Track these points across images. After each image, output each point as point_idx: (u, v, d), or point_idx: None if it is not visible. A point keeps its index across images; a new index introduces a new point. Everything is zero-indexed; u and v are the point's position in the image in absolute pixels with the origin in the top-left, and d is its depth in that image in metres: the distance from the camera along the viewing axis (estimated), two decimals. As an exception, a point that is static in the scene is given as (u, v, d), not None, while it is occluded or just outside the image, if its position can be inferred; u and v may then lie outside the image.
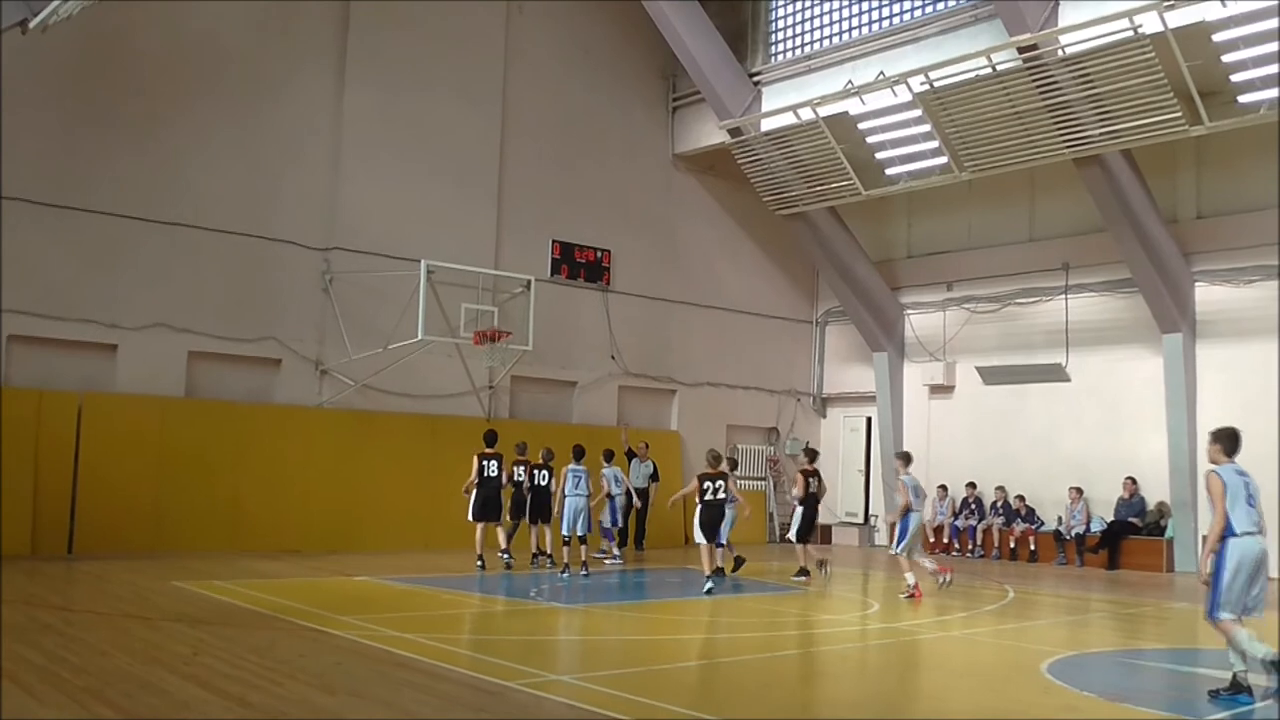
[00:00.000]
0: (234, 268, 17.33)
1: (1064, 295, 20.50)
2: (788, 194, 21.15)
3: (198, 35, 17.18)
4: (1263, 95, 15.52)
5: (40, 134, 15.70)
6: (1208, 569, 7.76)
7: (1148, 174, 18.19)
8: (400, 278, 17.52)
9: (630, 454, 18.23)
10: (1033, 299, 21.14)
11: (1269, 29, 14.83)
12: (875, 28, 20.12)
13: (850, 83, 19.16)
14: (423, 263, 16.92)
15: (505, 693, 7.34)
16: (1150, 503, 19.11)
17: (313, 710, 6.69)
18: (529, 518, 15.95)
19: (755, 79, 21.57)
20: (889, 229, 23.63)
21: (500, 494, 15.68)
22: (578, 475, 15.25)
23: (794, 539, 15.66)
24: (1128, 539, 18.89)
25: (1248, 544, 7.72)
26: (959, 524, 21.24)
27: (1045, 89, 16.78)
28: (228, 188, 17.34)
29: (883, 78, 18.56)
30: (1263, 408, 17.61)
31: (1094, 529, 19.36)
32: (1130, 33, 15.56)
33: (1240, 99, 15.83)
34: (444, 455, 17.61)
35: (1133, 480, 19.22)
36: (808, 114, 19.57)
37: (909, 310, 23.14)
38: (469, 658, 8.94)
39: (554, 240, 20.95)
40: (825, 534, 23.31)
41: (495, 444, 15.84)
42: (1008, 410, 21.20)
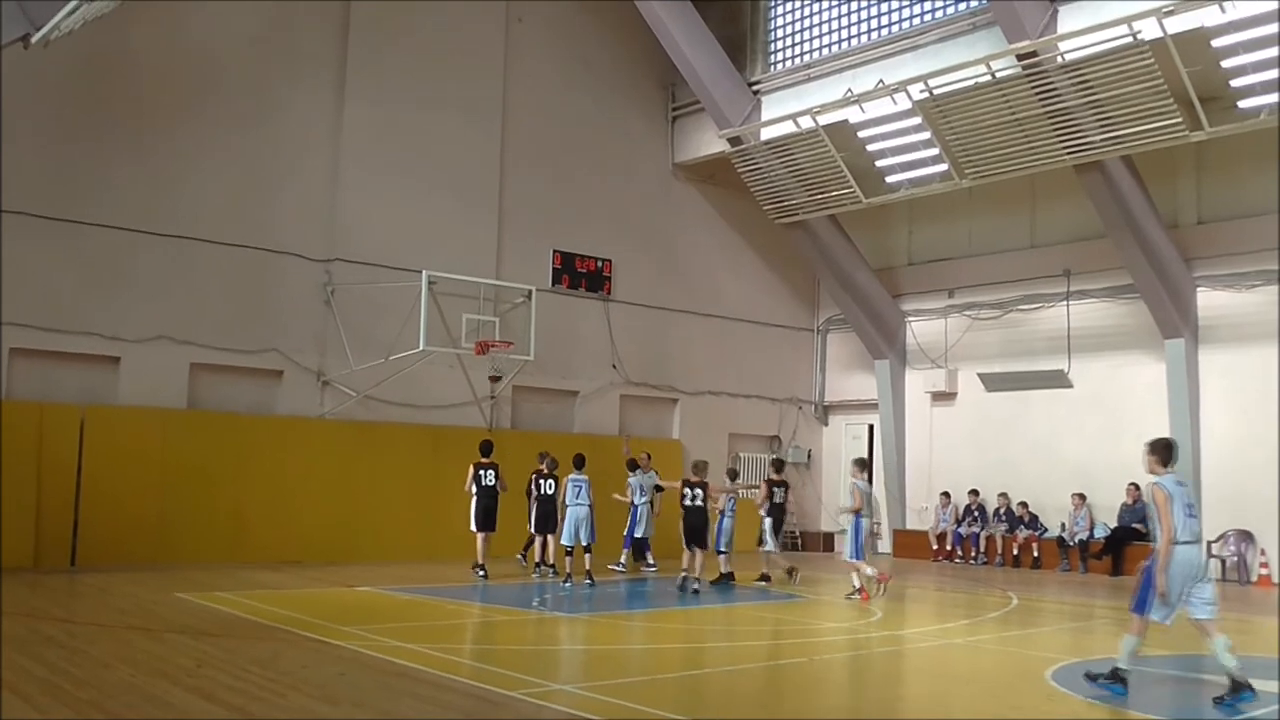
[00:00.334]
0: (235, 280, 17.35)
1: (1065, 301, 20.49)
2: (788, 202, 21.16)
3: (198, 49, 17.23)
4: (1263, 100, 15.52)
5: (41, 148, 15.75)
6: (1163, 584, 7.80)
7: (1148, 180, 18.19)
8: (401, 289, 17.54)
9: (632, 465, 18.17)
10: (1034, 305, 21.13)
11: (1268, 34, 14.84)
12: (874, 36, 20.16)
13: (850, 91, 19.19)
14: (424, 273, 16.95)
15: (508, 702, 7.33)
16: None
17: (315, 721, 6.69)
18: (534, 527, 15.88)
19: (755, 88, 21.60)
20: (890, 236, 23.63)
21: (498, 503, 15.67)
22: (578, 485, 15.25)
23: (759, 546, 15.97)
24: (1131, 545, 18.82)
25: (1188, 553, 7.86)
26: (962, 531, 21.20)
27: (1045, 96, 16.80)
28: (228, 200, 17.37)
29: (882, 85, 18.60)
30: (1265, 412, 17.60)
31: (1097, 535, 19.32)
32: (1129, 39, 15.58)
33: (1240, 104, 15.84)
34: (446, 466, 17.60)
35: (1136, 486, 19.14)
36: (807, 122, 19.60)
37: (910, 317, 23.13)
38: (471, 667, 8.93)
39: (555, 250, 20.97)
40: (827, 542, 23.28)
41: (491, 454, 15.87)
42: (1010, 417, 21.17)
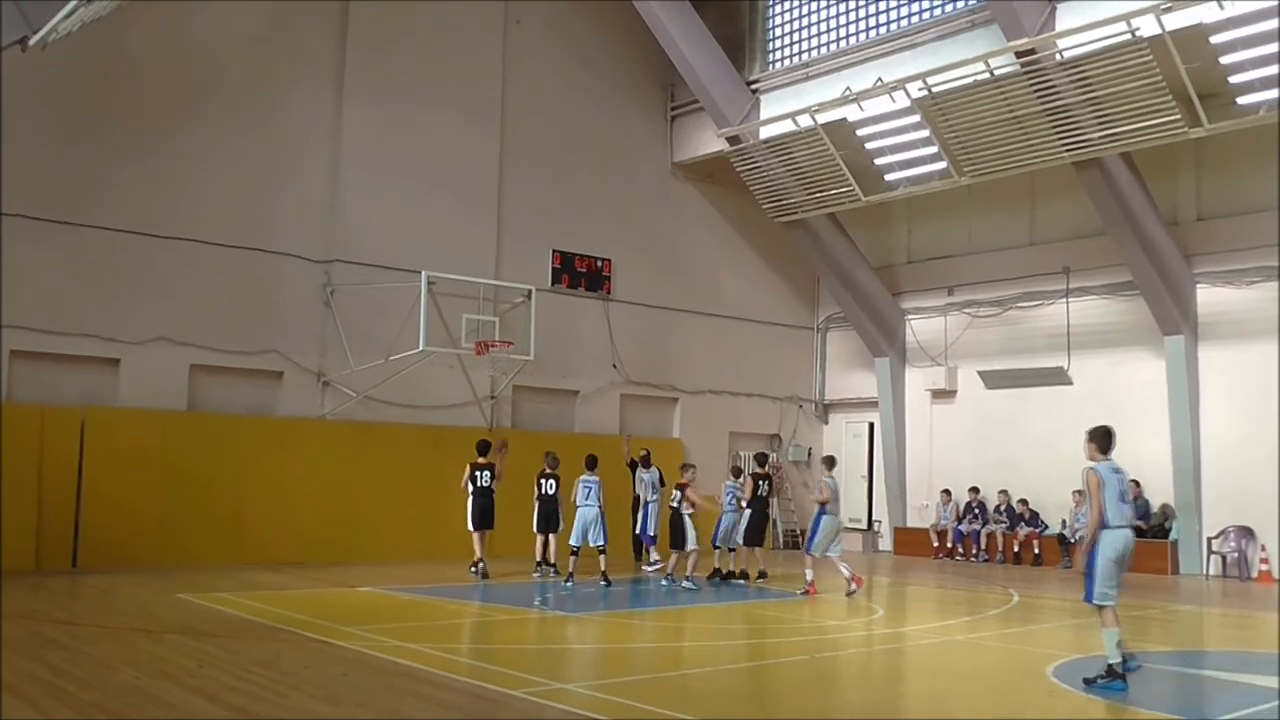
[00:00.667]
0: (235, 281, 17.35)
1: (1065, 299, 20.50)
2: (787, 201, 21.17)
3: (197, 51, 17.23)
4: (1261, 97, 15.53)
5: (41, 150, 15.75)
6: (1081, 563, 8.29)
7: (1147, 176, 18.20)
8: (401, 289, 17.54)
9: (633, 464, 18.19)
10: (1034, 303, 21.14)
11: (1267, 30, 14.84)
12: (873, 34, 20.16)
13: (848, 89, 19.20)
14: (423, 274, 16.96)
15: (509, 701, 7.34)
16: (1154, 505, 19.08)
17: (318, 721, 6.70)
18: (535, 526, 15.87)
19: (753, 87, 21.61)
20: (889, 234, 23.64)
21: (494, 502, 15.68)
22: (589, 486, 15.13)
23: (740, 542, 15.89)
24: (1132, 542, 18.83)
25: (1120, 536, 8.23)
26: (962, 529, 21.22)
27: (1043, 93, 16.81)
28: (228, 202, 17.37)
29: (881, 84, 18.60)
30: (1265, 408, 17.61)
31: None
32: (1128, 36, 15.58)
33: (1239, 101, 15.85)
34: (446, 466, 17.57)
35: (1136, 483, 19.09)
36: (806, 121, 19.60)
37: (910, 315, 23.15)
38: (473, 667, 8.93)
39: (554, 250, 20.98)
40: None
41: (488, 453, 15.90)
42: (1010, 414, 21.18)
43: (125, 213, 16.42)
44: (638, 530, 17.39)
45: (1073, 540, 19.52)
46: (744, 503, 15.83)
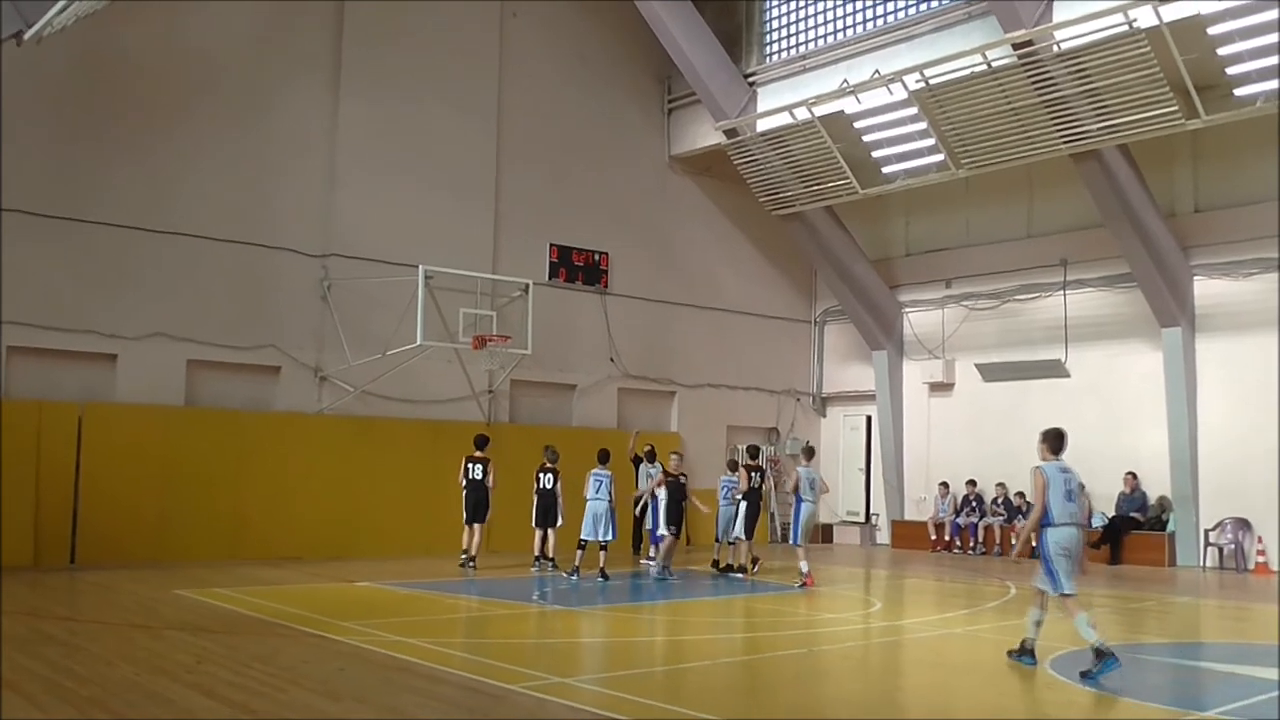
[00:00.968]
0: (232, 276, 17.33)
1: (1063, 291, 20.51)
2: (784, 194, 21.15)
3: (194, 48, 17.19)
4: (1259, 88, 15.53)
5: (38, 146, 15.72)
6: (1015, 553, 9.13)
7: (1145, 168, 18.20)
8: (398, 284, 17.52)
9: (636, 460, 18.18)
10: (1031, 295, 21.15)
11: (1264, 21, 14.84)
12: (870, 26, 20.13)
13: (845, 82, 19.18)
14: (420, 268, 16.96)
15: (508, 696, 7.34)
16: (1151, 497, 19.11)
17: (317, 716, 6.69)
18: (534, 521, 15.85)
19: (750, 79, 21.58)
20: (886, 227, 23.63)
21: (488, 496, 15.68)
22: (600, 479, 14.94)
23: (742, 536, 15.79)
24: (1129, 534, 18.88)
25: (1065, 532, 8.48)
26: (960, 521, 21.25)
27: (1041, 85, 16.79)
28: (225, 197, 17.34)
29: (878, 76, 18.58)
30: (1262, 400, 17.63)
31: (1095, 524, 19.32)
32: (1125, 27, 15.56)
33: (1236, 92, 15.85)
34: (444, 460, 17.54)
35: (1133, 475, 19.21)
36: (803, 114, 19.58)
37: (907, 308, 23.15)
38: (472, 661, 8.92)
39: (551, 244, 20.96)
40: (826, 533, 23.32)
41: (485, 448, 15.90)
42: (1007, 407, 21.18)
43: (123, 209, 16.39)
44: (647, 526, 17.35)
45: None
46: (739, 495, 15.83)
